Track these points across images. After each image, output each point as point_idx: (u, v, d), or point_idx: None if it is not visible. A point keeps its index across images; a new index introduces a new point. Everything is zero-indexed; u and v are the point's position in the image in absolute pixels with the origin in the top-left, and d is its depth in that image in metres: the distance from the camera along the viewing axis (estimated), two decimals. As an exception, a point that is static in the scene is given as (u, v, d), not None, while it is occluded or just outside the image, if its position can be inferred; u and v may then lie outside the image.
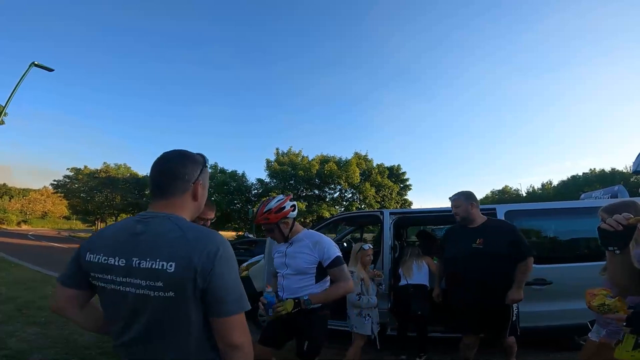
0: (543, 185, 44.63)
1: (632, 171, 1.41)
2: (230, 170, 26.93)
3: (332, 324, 3.76)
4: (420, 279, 3.59)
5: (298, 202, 23.50)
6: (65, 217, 61.56)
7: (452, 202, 2.86)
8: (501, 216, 3.57)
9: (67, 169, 33.75)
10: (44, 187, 59.39)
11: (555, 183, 42.95)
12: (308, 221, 22.98)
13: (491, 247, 2.55)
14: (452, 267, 2.85)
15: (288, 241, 2.07)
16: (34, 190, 63.73)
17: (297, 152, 26.82)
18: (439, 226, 10.09)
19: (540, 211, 3.92)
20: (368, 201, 25.18)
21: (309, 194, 26.21)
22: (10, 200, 59.32)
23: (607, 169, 35.40)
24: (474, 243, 2.60)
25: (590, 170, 37.63)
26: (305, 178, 24.85)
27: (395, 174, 27.89)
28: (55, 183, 34.56)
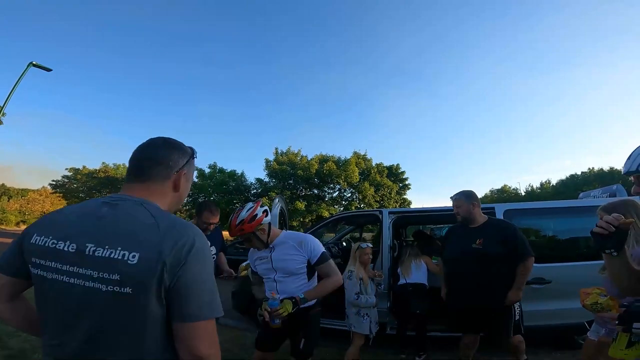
0: (542, 184, 44.70)
1: (624, 172, 1.36)
2: (229, 169, 26.92)
3: (332, 324, 3.78)
4: (418, 278, 3.60)
5: (297, 202, 23.29)
6: (64, 217, 61.28)
7: (454, 202, 2.85)
8: (500, 215, 3.58)
9: (66, 169, 33.72)
10: (43, 187, 59.19)
11: (554, 182, 43.00)
12: (307, 221, 22.98)
13: (491, 248, 2.55)
14: (452, 267, 2.85)
15: (268, 247, 2.03)
16: (33, 190, 63.51)
17: (296, 152, 26.79)
18: (438, 225, 10.10)
19: (539, 210, 3.94)
20: (367, 200, 25.17)
21: (308, 194, 26.19)
22: (8, 200, 59.05)
23: (606, 168, 35.49)
24: (474, 243, 2.60)
25: (589, 169, 37.68)
26: (304, 177, 24.83)
27: (394, 174, 27.88)
28: (54, 183, 34.56)
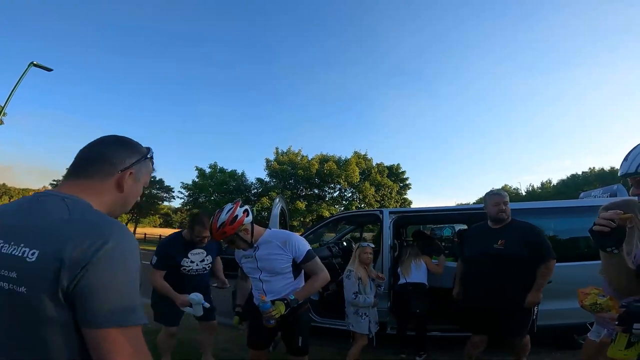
0: (543, 184, 44.66)
1: (621, 174, 1.26)
2: (229, 169, 26.93)
3: (332, 324, 3.77)
4: (418, 278, 3.59)
5: (298, 202, 23.32)
6: (65, 217, 61.48)
7: (502, 198, 2.69)
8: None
9: (67, 169, 33.67)
10: (44, 187, 59.50)
11: (554, 182, 42.97)
12: (308, 220, 22.98)
13: (512, 249, 2.50)
14: (471, 267, 2.79)
15: (253, 246, 2.00)
16: (34, 190, 63.75)
17: (297, 152, 26.80)
18: (439, 225, 10.08)
19: (539, 210, 3.92)
20: (368, 200, 25.17)
21: (309, 193, 26.19)
22: (9, 200, 59.32)
23: (607, 168, 35.44)
24: (496, 244, 2.55)
25: (589, 169, 37.67)
26: (304, 177, 24.84)
27: (394, 173, 27.88)
28: (54, 183, 34.55)
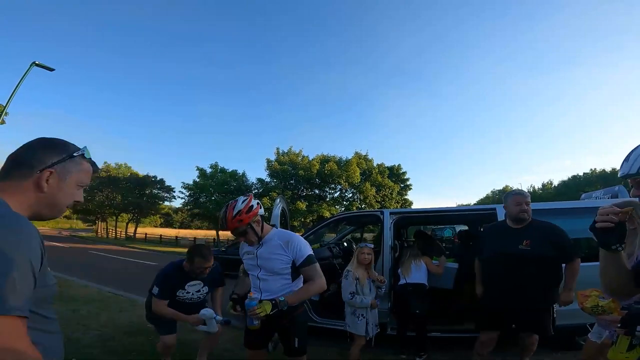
0: (544, 185, 44.63)
1: (621, 175, 1.24)
2: (230, 169, 26.94)
3: (332, 324, 3.78)
4: (418, 278, 3.60)
5: (298, 202, 23.31)
6: (65, 217, 61.41)
7: (524, 198, 2.69)
8: (501, 216, 3.56)
9: None
10: (45, 187, 59.35)
11: (555, 183, 42.96)
12: (308, 221, 22.97)
13: (539, 249, 2.51)
14: (494, 267, 2.74)
15: (260, 242, 1.98)
16: (35, 189, 63.63)
17: (298, 152, 26.77)
18: (439, 226, 10.05)
19: (540, 211, 3.90)
20: (368, 201, 25.14)
21: (310, 194, 26.17)
22: (11, 199, 59.25)
23: (608, 169, 35.36)
24: (521, 244, 2.55)
25: (591, 170, 37.64)
26: (305, 178, 24.81)
27: (395, 174, 27.84)
28: (55, 182, 34.54)
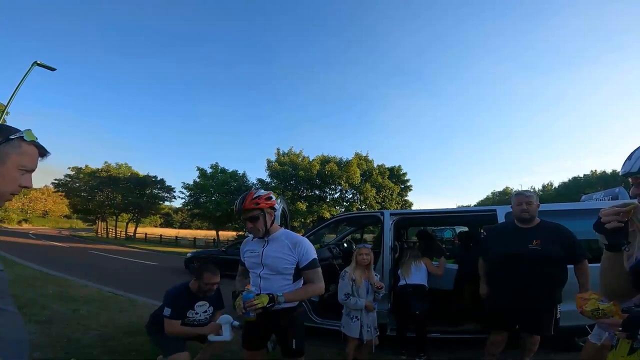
0: (544, 186, 44.54)
1: (622, 173, 1.26)
2: (230, 170, 26.96)
3: (333, 324, 3.78)
4: (418, 279, 3.60)
5: (299, 202, 23.30)
6: (66, 216, 61.60)
7: (525, 198, 2.74)
8: (502, 218, 3.57)
9: (69, 168, 33.77)
10: (45, 186, 59.44)
11: (556, 184, 42.89)
12: (308, 221, 22.94)
13: (549, 249, 2.54)
14: (503, 267, 2.73)
15: (267, 236, 2.01)
16: (35, 189, 63.86)
17: (298, 153, 26.76)
18: (440, 227, 10.04)
19: (540, 213, 3.91)
20: (369, 202, 25.11)
21: (310, 194, 26.14)
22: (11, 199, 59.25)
23: (609, 171, 35.31)
24: (531, 244, 2.57)
25: (591, 171, 37.54)
26: (305, 178, 24.80)
27: (395, 175, 27.81)
28: (56, 182, 34.58)
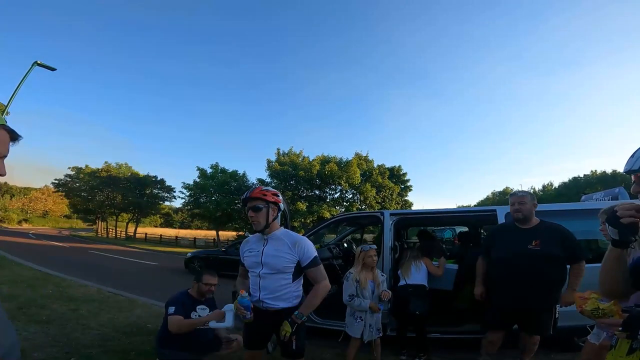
0: (544, 186, 44.56)
1: (625, 171, 1.30)
2: (231, 169, 26.96)
3: (334, 325, 3.78)
4: (418, 280, 3.59)
5: (299, 203, 23.36)
6: (66, 216, 61.57)
7: (517, 198, 2.76)
8: (501, 218, 3.56)
9: (69, 168, 33.77)
10: (45, 186, 59.46)
11: (556, 184, 42.90)
12: (308, 221, 22.94)
13: (549, 249, 2.55)
14: (503, 268, 2.74)
15: (266, 231, 2.03)
16: (35, 188, 63.76)
17: (298, 153, 26.76)
18: (439, 227, 10.04)
19: (541, 213, 3.90)
20: (369, 202, 25.10)
21: (310, 194, 26.14)
22: (11, 198, 59.27)
23: (609, 171, 35.31)
24: (530, 244, 2.58)
25: (591, 172, 37.53)
26: (305, 178, 24.81)
27: (396, 175, 27.80)
28: (56, 182, 34.59)
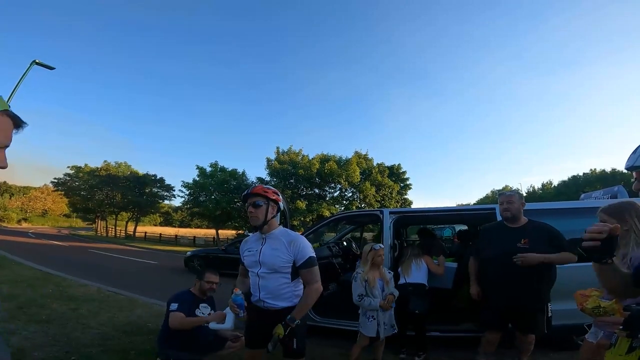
0: (543, 185, 44.66)
1: (627, 167, 1.33)
2: (230, 168, 26.96)
3: (339, 324, 3.79)
4: (418, 278, 3.60)
5: (298, 201, 23.40)
6: (65, 215, 61.62)
7: (506, 197, 2.79)
8: (499, 216, 3.56)
9: (68, 167, 33.77)
10: (45, 185, 59.42)
11: (555, 183, 43.01)
12: (308, 220, 22.95)
13: (538, 248, 2.57)
14: (494, 267, 2.77)
15: (264, 229, 2.03)
16: (35, 188, 63.74)
17: (298, 151, 26.76)
18: (439, 225, 10.06)
19: (540, 211, 3.91)
20: (368, 200, 25.13)
21: (309, 193, 26.16)
22: (10, 198, 59.29)
23: (608, 170, 35.37)
24: (519, 243, 2.61)
25: (590, 170, 37.64)
26: (305, 177, 24.81)
27: (395, 173, 27.83)
28: (55, 181, 34.57)
